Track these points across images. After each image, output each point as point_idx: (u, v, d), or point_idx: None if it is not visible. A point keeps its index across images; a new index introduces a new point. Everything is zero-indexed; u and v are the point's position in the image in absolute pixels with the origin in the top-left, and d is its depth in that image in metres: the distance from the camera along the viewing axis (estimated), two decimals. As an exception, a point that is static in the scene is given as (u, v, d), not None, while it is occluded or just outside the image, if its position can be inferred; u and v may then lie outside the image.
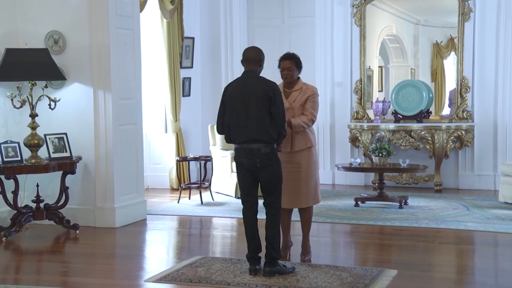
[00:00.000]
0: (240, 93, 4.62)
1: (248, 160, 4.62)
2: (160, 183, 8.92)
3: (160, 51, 8.66)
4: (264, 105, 4.55)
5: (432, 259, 5.34)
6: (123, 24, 6.56)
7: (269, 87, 4.60)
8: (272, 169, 4.65)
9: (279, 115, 4.59)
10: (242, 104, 4.59)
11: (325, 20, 8.99)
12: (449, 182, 8.56)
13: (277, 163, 4.69)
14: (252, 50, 4.72)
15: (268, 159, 4.61)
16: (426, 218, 6.64)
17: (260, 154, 4.59)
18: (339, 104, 9.00)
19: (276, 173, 4.67)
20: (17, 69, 6.10)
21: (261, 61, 4.70)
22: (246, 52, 4.72)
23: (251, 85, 4.62)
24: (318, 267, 4.86)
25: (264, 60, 4.73)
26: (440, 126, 8.34)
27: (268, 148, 4.59)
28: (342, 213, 6.97)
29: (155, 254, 5.74)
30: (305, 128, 4.97)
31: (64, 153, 6.28)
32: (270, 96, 4.55)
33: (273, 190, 4.70)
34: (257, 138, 4.56)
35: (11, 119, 6.50)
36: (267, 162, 4.62)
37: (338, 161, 8.78)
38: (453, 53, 8.71)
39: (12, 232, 6.04)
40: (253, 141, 4.58)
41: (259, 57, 4.69)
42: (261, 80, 4.66)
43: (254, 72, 4.67)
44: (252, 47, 4.79)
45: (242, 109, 4.59)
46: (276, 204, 4.73)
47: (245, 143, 4.61)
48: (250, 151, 4.60)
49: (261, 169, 4.62)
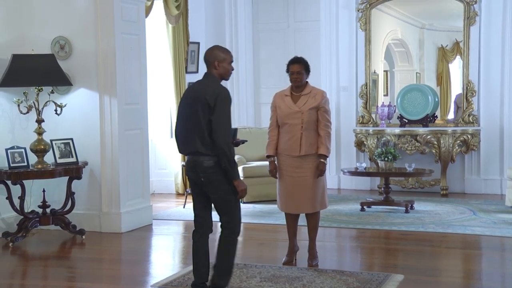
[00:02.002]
0: (187, 98, 4.16)
1: (193, 173, 4.12)
2: (166, 188, 8.93)
3: (165, 56, 8.68)
4: (205, 114, 4.00)
5: (439, 264, 5.32)
6: (128, 30, 6.58)
7: (211, 94, 4.02)
8: (220, 184, 4.06)
9: (218, 126, 3.99)
10: (187, 111, 4.11)
11: (330, 25, 9.00)
12: (455, 186, 8.53)
13: (226, 177, 4.06)
14: (207, 50, 4.23)
15: (213, 173, 4.04)
16: (433, 223, 6.62)
17: (203, 168, 4.04)
18: (344, 109, 9.00)
19: (224, 189, 4.06)
20: (24, 74, 6.12)
21: (215, 62, 4.12)
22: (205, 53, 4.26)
23: (198, 89, 4.12)
24: (324, 272, 4.86)
25: (223, 61, 4.15)
26: (446, 130, 8.32)
27: (211, 161, 4.02)
28: (348, 217, 6.95)
29: (161, 259, 5.74)
30: (330, 139, 5.01)
31: (70, 158, 6.29)
32: (210, 103, 3.99)
33: (224, 208, 4.12)
34: (198, 150, 4.03)
35: (17, 125, 6.53)
36: (212, 177, 4.05)
37: (343, 166, 8.77)
38: (458, 57, 8.69)
39: (19, 238, 6.05)
40: (196, 153, 4.05)
41: (212, 58, 4.13)
42: (209, 85, 4.10)
43: (209, 74, 4.16)
44: (210, 47, 4.28)
45: (186, 117, 4.11)
46: (230, 225, 4.14)
47: (189, 155, 4.12)
48: (193, 164, 4.09)
49: (207, 184, 4.08)
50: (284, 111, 5.03)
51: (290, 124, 5.00)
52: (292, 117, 4.99)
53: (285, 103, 5.05)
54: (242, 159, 8.15)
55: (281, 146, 5.06)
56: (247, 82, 9.74)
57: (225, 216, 4.14)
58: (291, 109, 5.01)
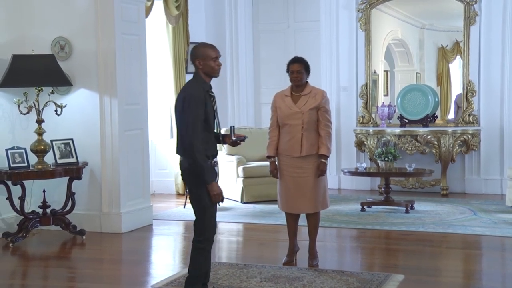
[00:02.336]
0: (176, 99, 4.06)
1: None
2: (166, 188, 8.93)
3: (165, 57, 8.68)
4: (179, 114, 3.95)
5: (439, 264, 5.32)
6: (129, 30, 6.58)
7: (183, 93, 3.94)
8: (192, 187, 3.98)
9: (182, 126, 3.89)
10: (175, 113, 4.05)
11: (330, 25, 9.00)
12: (455, 186, 8.53)
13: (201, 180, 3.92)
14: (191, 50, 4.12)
15: (187, 175, 3.99)
16: (433, 223, 6.62)
17: (182, 170, 4.02)
18: (344, 109, 9.00)
19: (196, 192, 3.95)
20: (24, 75, 6.12)
21: (196, 61, 3.97)
22: None
23: (182, 90, 4.05)
24: (324, 272, 4.85)
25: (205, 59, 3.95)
26: (446, 130, 8.32)
27: (186, 163, 3.95)
28: (348, 217, 6.95)
29: (162, 260, 5.74)
30: (330, 139, 5.01)
31: (70, 158, 6.29)
32: (177, 105, 3.93)
33: (196, 212, 4.00)
34: (178, 151, 4.00)
35: (18, 125, 6.53)
36: (187, 179, 4.02)
37: (344, 166, 8.77)
38: (458, 57, 8.69)
39: (19, 238, 6.05)
40: (179, 154, 4.01)
41: (193, 57, 3.99)
42: (188, 85, 4.03)
43: (195, 74, 4.02)
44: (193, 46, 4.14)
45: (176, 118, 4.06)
46: (198, 230, 3.98)
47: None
48: (179, 165, 4.08)
49: (186, 185, 4.09)
50: (284, 111, 5.03)
51: (290, 125, 5.00)
52: (292, 118, 4.99)
53: (286, 104, 5.04)
54: (242, 159, 8.15)
55: (281, 147, 5.06)
56: (247, 82, 9.74)
57: (196, 220, 4.02)
58: (292, 109, 5.01)
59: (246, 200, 7.90)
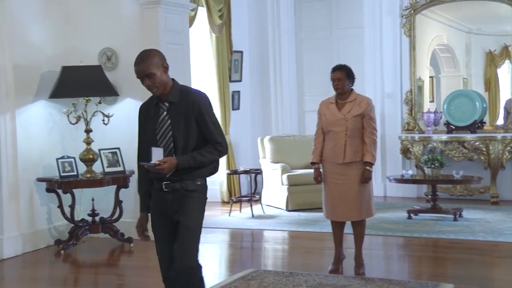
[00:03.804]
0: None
1: None
2: (212, 196, 8.82)
3: (209, 65, 8.76)
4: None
5: (490, 273, 5.19)
6: (173, 40, 6.67)
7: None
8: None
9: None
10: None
11: (374, 31, 8.93)
12: (506, 194, 8.31)
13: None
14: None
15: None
16: (483, 231, 6.46)
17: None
18: (389, 116, 8.90)
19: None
20: (73, 86, 6.27)
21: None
22: None
23: None
24: (371, 281, 4.80)
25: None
26: (495, 136, 8.13)
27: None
28: (395, 225, 6.86)
29: (208, 267, 5.76)
30: (376, 147, 5.00)
31: (118, 167, 6.40)
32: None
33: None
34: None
35: (67, 135, 6.68)
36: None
37: (389, 173, 8.66)
38: (507, 62, 8.50)
39: (70, 245, 6.19)
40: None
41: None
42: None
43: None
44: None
45: None
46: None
47: None
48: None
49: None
50: (328, 118, 5.03)
51: (334, 131, 4.99)
52: (336, 124, 4.98)
53: (330, 111, 5.05)
54: (286, 167, 8.13)
55: (325, 153, 5.06)
56: (291, 90, 9.74)
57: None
58: (336, 116, 5.00)
59: (291, 208, 7.89)
